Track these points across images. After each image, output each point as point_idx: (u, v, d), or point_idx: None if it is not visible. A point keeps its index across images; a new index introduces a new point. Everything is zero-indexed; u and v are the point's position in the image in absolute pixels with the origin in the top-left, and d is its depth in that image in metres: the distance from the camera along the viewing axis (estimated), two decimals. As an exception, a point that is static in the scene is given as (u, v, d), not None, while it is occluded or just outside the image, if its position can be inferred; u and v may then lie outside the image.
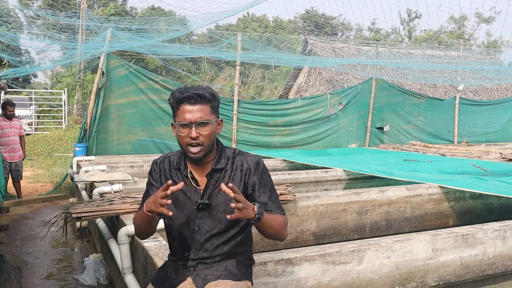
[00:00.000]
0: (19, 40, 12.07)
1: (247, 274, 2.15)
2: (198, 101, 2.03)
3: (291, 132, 11.29)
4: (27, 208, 7.54)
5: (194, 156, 2.04)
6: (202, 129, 2.02)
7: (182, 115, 2.03)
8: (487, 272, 3.67)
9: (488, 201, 6.12)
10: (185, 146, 2.05)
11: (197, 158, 2.05)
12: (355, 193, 5.23)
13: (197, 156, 2.04)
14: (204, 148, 2.04)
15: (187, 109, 2.02)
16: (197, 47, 18.23)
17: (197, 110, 2.02)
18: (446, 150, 10.69)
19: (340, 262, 3.01)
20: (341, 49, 17.49)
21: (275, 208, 2.09)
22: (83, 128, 9.11)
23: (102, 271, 4.26)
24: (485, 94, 17.82)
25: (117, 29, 10.09)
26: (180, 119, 2.03)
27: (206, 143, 2.04)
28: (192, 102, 2.02)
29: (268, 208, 2.06)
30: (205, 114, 2.04)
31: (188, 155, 2.06)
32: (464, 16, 36.00)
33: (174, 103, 2.06)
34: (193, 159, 2.06)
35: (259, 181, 2.11)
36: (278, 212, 2.09)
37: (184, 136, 2.03)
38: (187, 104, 2.03)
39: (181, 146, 2.08)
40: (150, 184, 2.22)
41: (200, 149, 2.03)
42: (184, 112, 2.02)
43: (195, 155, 2.03)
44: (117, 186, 4.92)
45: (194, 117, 2.01)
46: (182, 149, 2.11)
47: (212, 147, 2.10)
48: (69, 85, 22.20)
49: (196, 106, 2.02)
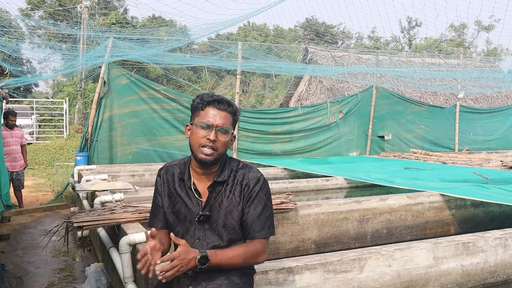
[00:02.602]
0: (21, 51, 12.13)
1: (248, 283, 2.16)
2: (225, 108, 2.07)
3: (292, 141, 11.30)
4: (28, 217, 7.54)
5: (205, 158, 2.04)
6: (221, 136, 2.05)
7: (206, 117, 2.05)
8: (489, 280, 3.67)
9: (489, 209, 6.12)
10: (198, 147, 2.05)
11: (207, 161, 2.04)
12: (356, 202, 5.22)
13: (208, 159, 2.04)
14: (216, 154, 2.05)
15: (213, 112, 2.05)
16: (197, 56, 18.30)
17: (221, 116, 2.06)
18: (447, 158, 10.69)
19: (341, 270, 3.01)
20: (342, 57, 17.55)
21: (259, 229, 2.09)
22: (84, 137, 9.13)
23: (103, 280, 4.25)
24: (486, 101, 17.84)
25: (118, 38, 10.15)
26: (203, 119, 2.05)
27: (220, 150, 2.06)
28: (220, 108, 2.06)
29: (251, 229, 2.07)
30: (227, 122, 2.07)
31: (198, 157, 2.05)
32: (464, 24, 36.14)
33: (200, 104, 2.08)
34: (202, 161, 2.05)
35: (253, 198, 2.11)
36: (260, 236, 2.09)
37: (201, 137, 2.04)
38: (214, 107, 2.06)
39: (193, 146, 2.08)
40: (156, 194, 2.25)
41: (212, 153, 2.04)
42: (209, 114, 2.05)
43: (206, 157, 2.04)
44: (118, 195, 4.92)
45: (217, 122, 2.04)
46: (192, 151, 2.10)
47: (221, 158, 2.11)
48: (71, 95, 22.25)
49: (222, 112, 2.06)
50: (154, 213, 2.24)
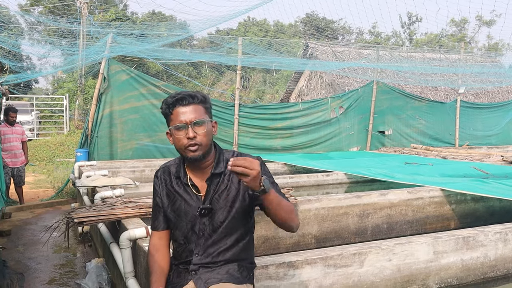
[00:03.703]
0: (20, 46, 12.11)
1: (248, 277, 2.16)
2: (190, 102, 2.05)
3: (292, 136, 11.29)
4: (29, 214, 7.55)
5: (193, 155, 2.03)
6: (198, 129, 2.03)
7: (177, 118, 2.04)
8: (489, 274, 3.67)
9: (489, 204, 6.12)
10: (183, 149, 2.05)
11: (196, 157, 2.04)
12: (356, 196, 5.23)
13: (196, 155, 2.03)
14: (202, 147, 2.04)
15: (181, 111, 2.04)
16: (197, 51, 18.27)
17: (191, 111, 2.04)
18: (448, 153, 10.68)
19: (342, 265, 3.02)
20: (342, 52, 17.52)
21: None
22: (84, 134, 9.13)
23: (104, 275, 4.26)
24: (486, 97, 17.82)
25: (118, 34, 10.12)
26: (176, 122, 2.04)
27: (204, 142, 2.04)
28: (185, 103, 2.04)
29: None
30: (199, 114, 2.05)
31: (187, 157, 2.06)
32: (465, 19, 36.04)
33: (167, 109, 2.07)
34: (192, 159, 2.06)
35: None
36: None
37: (181, 138, 2.03)
38: (180, 106, 2.04)
39: (179, 150, 2.08)
40: (155, 196, 2.24)
41: (197, 148, 2.03)
42: (179, 115, 2.03)
43: (194, 153, 2.03)
44: (118, 191, 4.93)
45: (189, 118, 2.02)
46: (180, 154, 2.11)
47: (210, 148, 2.10)
48: (71, 91, 22.25)
49: (190, 106, 2.04)
50: (156, 215, 2.24)
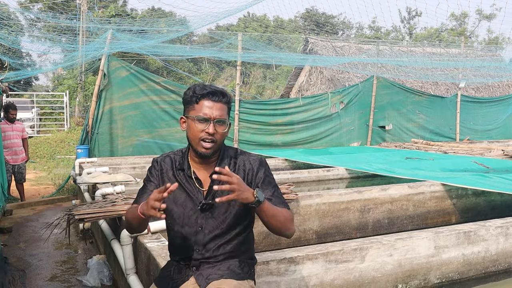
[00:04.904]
0: (20, 43, 12.09)
1: (249, 273, 2.16)
2: (220, 99, 2.05)
3: (293, 132, 11.28)
4: (30, 211, 7.56)
5: (205, 152, 2.04)
6: (219, 127, 2.04)
7: (202, 110, 2.03)
8: (490, 269, 3.67)
9: (490, 198, 6.12)
10: (197, 141, 2.04)
11: (207, 154, 2.04)
12: (357, 192, 5.23)
13: (208, 152, 2.04)
14: (216, 145, 2.05)
15: (208, 105, 2.03)
16: (197, 47, 18.22)
17: (217, 108, 2.04)
18: (448, 148, 10.67)
19: (343, 260, 3.02)
20: (342, 47, 17.48)
21: (279, 203, 2.08)
22: (85, 130, 9.14)
23: (106, 272, 4.27)
24: (487, 91, 17.79)
25: (118, 30, 10.10)
26: (200, 113, 2.03)
27: (219, 141, 2.06)
28: (215, 99, 2.04)
29: (272, 203, 2.04)
30: (224, 113, 2.07)
31: (198, 150, 2.05)
32: (465, 13, 35.94)
33: (193, 97, 2.05)
34: (202, 155, 2.05)
35: (262, 179, 2.11)
36: (282, 207, 2.08)
37: (200, 130, 2.03)
38: (209, 100, 2.04)
39: (192, 141, 2.07)
40: (147, 180, 2.19)
41: (212, 146, 2.04)
42: (205, 107, 2.03)
43: (206, 150, 2.03)
44: (119, 187, 4.93)
45: (214, 114, 2.03)
46: (190, 144, 2.09)
47: (220, 148, 2.11)
48: (71, 87, 22.23)
49: (218, 104, 2.05)
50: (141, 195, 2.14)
